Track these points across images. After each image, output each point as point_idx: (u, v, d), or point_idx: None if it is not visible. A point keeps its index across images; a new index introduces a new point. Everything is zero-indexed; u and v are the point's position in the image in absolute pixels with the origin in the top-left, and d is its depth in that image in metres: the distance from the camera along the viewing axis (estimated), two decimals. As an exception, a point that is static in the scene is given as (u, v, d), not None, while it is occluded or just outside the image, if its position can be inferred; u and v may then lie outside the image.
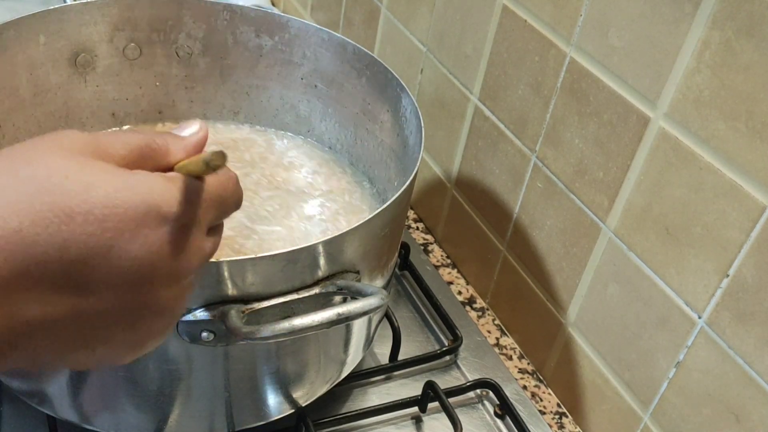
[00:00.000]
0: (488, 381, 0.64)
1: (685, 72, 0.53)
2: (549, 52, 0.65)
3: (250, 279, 0.43)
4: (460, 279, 0.82)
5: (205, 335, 0.44)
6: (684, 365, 0.56)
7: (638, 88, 0.57)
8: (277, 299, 0.44)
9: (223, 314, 0.42)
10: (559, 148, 0.65)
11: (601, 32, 0.59)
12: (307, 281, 0.46)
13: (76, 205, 0.30)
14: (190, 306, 0.43)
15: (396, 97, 0.62)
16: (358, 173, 0.70)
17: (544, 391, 0.71)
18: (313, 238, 0.62)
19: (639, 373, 0.60)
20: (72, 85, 0.66)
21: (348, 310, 0.40)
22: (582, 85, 0.62)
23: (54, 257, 0.30)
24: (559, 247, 0.67)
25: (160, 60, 0.69)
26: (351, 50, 0.65)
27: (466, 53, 0.76)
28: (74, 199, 0.30)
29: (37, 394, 0.52)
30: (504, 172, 0.73)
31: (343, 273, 0.47)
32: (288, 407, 0.54)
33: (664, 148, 0.55)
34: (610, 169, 0.60)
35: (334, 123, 0.70)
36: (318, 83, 0.69)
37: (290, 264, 0.44)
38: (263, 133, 0.73)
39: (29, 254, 0.29)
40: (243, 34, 0.68)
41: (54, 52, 0.64)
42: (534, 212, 0.70)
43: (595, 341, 0.65)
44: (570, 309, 0.67)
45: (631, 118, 0.58)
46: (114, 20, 0.65)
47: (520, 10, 0.67)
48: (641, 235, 0.58)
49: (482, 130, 0.75)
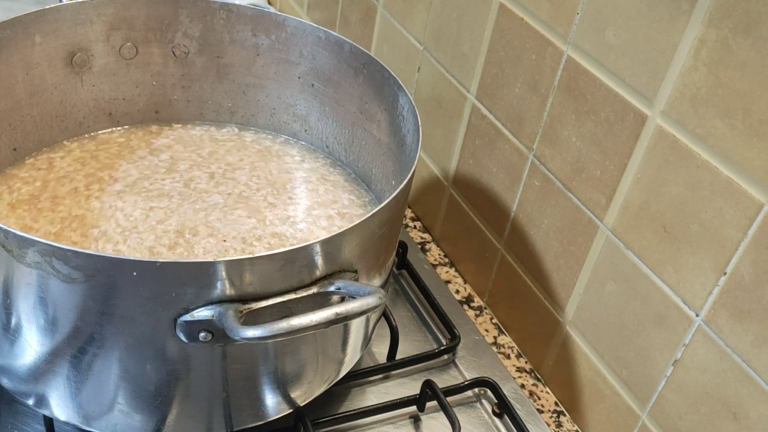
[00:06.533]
0: (486, 380, 0.64)
1: (681, 70, 0.53)
2: (546, 50, 0.65)
3: (248, 279, 0.43)
4: (458, 278, 0.82)
5: (203, 335, 0.43)
6: (682, 363, 0.56)
7: (635, 86, 0.57)
8: (275, 299, 0.44)
9: (221, 314, 0.42)
10: (556, 146, 0.65)
11: (598, 30, 0.59)
12: (305, 281, 0.45)
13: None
14: (188, 306, 0.43)
15: (393, 96, 0.62)
16: (355, 172, 0.70)
17: (541, 389, 0.71)
18: (310, 238, 0.62)
19: (637, 371, 0.60)
20: (68, 84, 0.66)
21: (346, 309, 0.40)
22: (579, 84, 0.62)
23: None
24: (557, 246, 0.67)
25: (157, 59, 0.69)
26: (348, 49, 0.65)
27: (463, 52, 0.76)
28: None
29: (34, 395, 0.52)
30: (501, 170, 0.73)
31: (342, 273, 0.47)
32: (286, 407, 0.54)
33: (661, 146, 0.55)
34: (608, 168, 0.60)
35: (331, 122, 0.70)
36: (315, 82, 0.69)
37: (288, 263, 0.44)
38: (259, 133, 0.73)
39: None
40: (239, 33, 0.68)
41: (50, 51, 0.63)
42: (531, 211, 0.70)
43: (593, 339, 0.65)
44: (568, 307, 0.67)
45: (628, 116, 0.58)
46: (110, 19, 0.65)
47: (517, 8, 0.67)
48: (638, 233, 0.58)
49: (479, 129, 0.75)
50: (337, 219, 0.65)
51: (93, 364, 0.48)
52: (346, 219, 0.65)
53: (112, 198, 0.63)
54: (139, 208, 0.62)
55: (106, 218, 0.61)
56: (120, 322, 0.45)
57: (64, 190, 0.63)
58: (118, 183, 0.65)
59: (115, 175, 0.65)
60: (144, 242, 0.59)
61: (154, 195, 0.64)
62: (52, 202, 0.62)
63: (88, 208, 0.62)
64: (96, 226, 0.60)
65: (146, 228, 0.60)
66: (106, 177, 0.65)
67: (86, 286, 0.43)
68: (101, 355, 0.47)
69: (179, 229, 0.61)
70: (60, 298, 0.44)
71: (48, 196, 0.62)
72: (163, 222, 0.61)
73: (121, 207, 0.62)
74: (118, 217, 0.61)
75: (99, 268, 0.41)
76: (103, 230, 0.60)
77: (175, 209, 0.63)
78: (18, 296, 0.46)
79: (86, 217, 0.61)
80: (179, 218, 0.62)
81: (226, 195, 0.65)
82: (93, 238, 0.59)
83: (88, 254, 0.40)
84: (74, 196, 0.63)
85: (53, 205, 0.61)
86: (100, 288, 0.43)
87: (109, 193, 0.63)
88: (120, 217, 0.61)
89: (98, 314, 0.45)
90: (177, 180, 0.66)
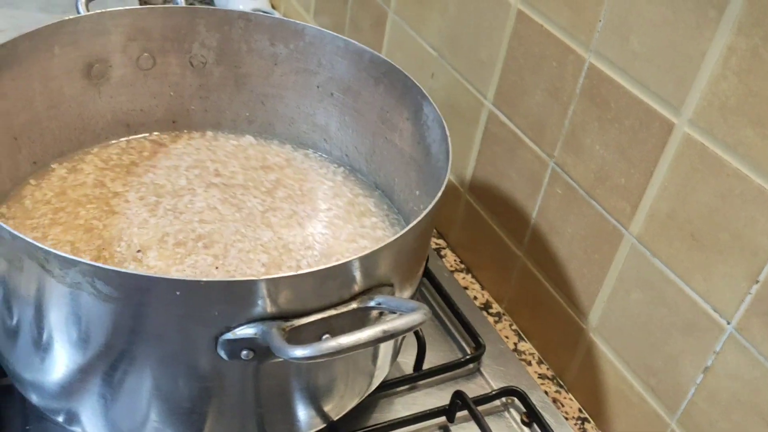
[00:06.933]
0: (514, 389, 0.64)
1: (710, 78, 0.53)
2: (567, 57, 0.65)
3: (290, 296, 0.43)
4: (475, 284, 0.82)
5: (245, 353, 0.43)
6: (712, 371, 0.56)
7: (661, 94, 0.57)
8: (316, 315, 0.44)
9: (265, 332, 0.42)
10: (579, 154, 0.65)
11: (621, 38, 0.59)
12: (344, 296, 0.45)
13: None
14: (230, 324, 0.42)
15: (416, 105, 0.61)
16: (375, 181, 0.70)
17: (564, 396, 0.71)
18: (336, 250, 0.62)
19: (665, 378, 0.60)
20: (86, 96, 0.65)
21: (394, 327, 0.40)
22: (602, 91, 0.62)
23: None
24: (580, 254, 0.67)
25: (174, 69, 0.68)
26: (368, 58, 0.65)
27: (480, 58, 0.75)
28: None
29: (64, 412, 0.51)
30: (521, 177, 0.73)
31: (379, 287, 0.47)
32: (319, 421, 0.53)
33: (689, 154, 0.55)
34: (633, 176, 0.60)
35: (351, 131, 0.70)
36: (334, 91, 0.68)
37: (329, 280, 0.43)
38: (277, 143, 0.73)
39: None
40: (257, 43, 0.68)
41: (68, 63, 0.63)
42: (553, 218, 0.70)
43: (619, 347, 0.65)
44: (591, 315, 0.67)
45: (654, 124, 0.58)
46: (127, 30, 0.65)
47: (536, 15, 0.67)
48: (666, 242, 0.58)
49: (498, 136, 0.75)
50: (359, 229, 0.65)
51: (126, 380, 0.47)
52: (368, 229, 0.65)
53: (134, 208, 0.62)
54: (160, 219, 0.62)
55: (126, 229, 0.60)
56: (156, 340, 0.44)
57: (84, 200, 0.63)
58: (138, 193, 0.64)
59: (133, 186, 0.65)
60: (168, 255, 0.58)
61: (172, 203, 0.63)
62: (73, 213, 0.61)
63: (109, 222, 0.61)
64: (119, 238, 0.59)
65: (170, 240, 0.60)
66: (120, 188, 0.64)
67: (125, 304, 0.42)
68: (135, 372, 0.47)
69: (204, 242, 0.60)
70: (96, 315, 0.44)
71: (68, 207, 0.61)
72: (182, 233, 0.61)
73: (143, 218, 0.62)
74: (137, 230, 0.61)
75: (141, 288, 0.41)
76: (126, 241, 0.59)
77: (196, 221, 0.62)
78: (50, 312, 0.45)
79: (107, 229, 0.60)
80: (200, 231, 0.61)
81: (247, 206, 0.65)
82: (116, 250, 0.58)
83: (133, 274, 0.40)
84: (95, 207, 0.62)
85: (72, 217, 0.61)
86: (139, 306, 0.42)
87: (130, 204, 0.63)
88: (139, 230, 0.61)
89: (134, 331, 0.44)
90: (195, 192, 0.65)
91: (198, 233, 0.61)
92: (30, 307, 0.46)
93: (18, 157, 0.61)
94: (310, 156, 0.72)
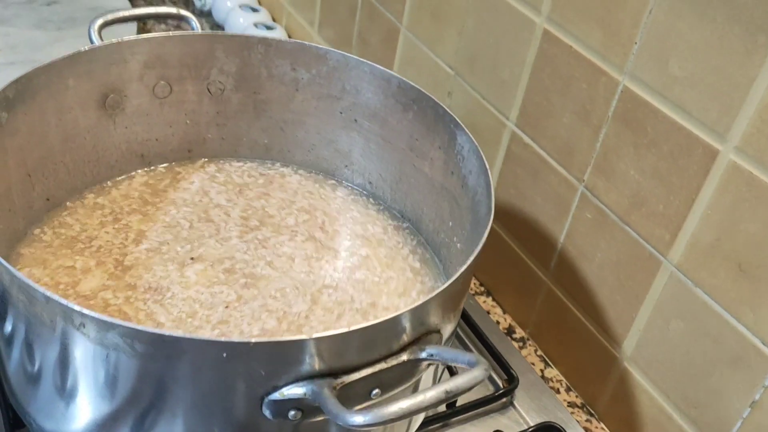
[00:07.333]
0: (553, 425, 0.62)
1: (759, 105, 0.51)
2: (599, 79, 0.63)
3: (340, 352, 0.40)
4: (497, 307, 0.80)
5: (293, 414, 0.41)
6: (760, 405, 0.55)
7: (704, 120, 0.55)
8: (366, 370, 0.41)
9: (315, 392, 0.39)
10: (611, 178, 0.63)
11: (660, 61, 0.57)
12: (393, 348, 0.43)
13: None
14: (277, 383, 0.40)
15: (450, 134, 0.59)
16: (400, 211, 0.67)
17: (596, 425, 0.69)
18: (371, 288, 0.60)
19: (708, 411, 0.59)
20: (101, 127, 0.63)
21: (456, 386, 0.38)
22: (638, 115, 0.60)
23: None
24: (612, 280, 0.65)
25: (191, 97, 0.66)
26: (396, 84, 0.63)
27: (501, 78, 0.73)
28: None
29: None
30: (546, 201, 0.71)
31: (428, 335, 0.44)
32: (359, 470, 0.51)
33: (735, 182, 0.53)
34: (672, 203, 0.58)
35: (376, 158, 0.67)
36: (358, 117, 0.66)
37: (380, 333, 0.41)
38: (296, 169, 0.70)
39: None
40: (278, 68, 0.65)
41: (83, 94, 0.60)
42: (582, 243, 0.68)
43: (656, 377, 0.63)
44: (625, 343, 0.65)
45: (696, 150, 0.56)
46: (144, 58, 0.62)
47: (564, 35, 0.65)
48: (709, 271, 0.57)
49: (521, 158, 0.73)
50: (383, 261, 0.63)
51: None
52: (396, 262, 0.63)
53: (154, 246, 0.60)
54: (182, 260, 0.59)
55: (147, 269, 0.58)
56: (196, 398, 0.42)
57: (100, 239, 0.60)
58: (155, 230, 0.61)
59: (151, 220, 0.62)
60: (195, 300, 0.56)
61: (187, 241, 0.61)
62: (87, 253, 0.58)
63: (130, 262, 0.58)
64: (141, 279, 0.57)
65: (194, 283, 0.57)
66: (135, 223, 0.62)
67: (166, 365, 0.40)
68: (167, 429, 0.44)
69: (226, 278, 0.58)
70: (131, 373, 0.41)
71: (83, 245, 0.59)
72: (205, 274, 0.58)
73: (164, 255, 0.59)
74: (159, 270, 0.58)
75: (185, 350, 0.38)
76: (148, 282, 0.57)
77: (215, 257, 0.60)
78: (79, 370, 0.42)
79: (130, 270, 0.57)
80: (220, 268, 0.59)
81: (267, 238, 0.62)
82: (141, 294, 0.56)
83: (177, 337, 0.37)
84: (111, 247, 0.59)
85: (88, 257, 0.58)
86: (180, 366, 0.40)
87: (148, 241, 0.60)
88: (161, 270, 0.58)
89: (170, 390, 0.42)
90: (212, 224, 0.63)
91: (225, 270, 0.59)
92: (57, 362, 0.43)
93: (32, 194, 0.58)
94: (332, 182, 0.70)
